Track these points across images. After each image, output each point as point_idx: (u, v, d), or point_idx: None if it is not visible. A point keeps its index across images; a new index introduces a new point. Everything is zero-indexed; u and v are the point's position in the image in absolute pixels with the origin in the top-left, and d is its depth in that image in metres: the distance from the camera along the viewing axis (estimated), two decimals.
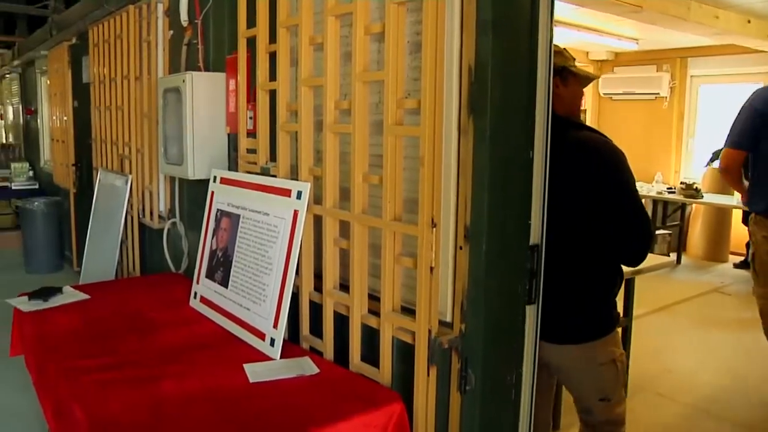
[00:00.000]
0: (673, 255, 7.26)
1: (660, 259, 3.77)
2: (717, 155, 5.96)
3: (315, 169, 2.23)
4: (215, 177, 2.71)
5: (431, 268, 1.76)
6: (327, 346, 2.18)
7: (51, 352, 2.25)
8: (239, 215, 2.46)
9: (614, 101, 8.61)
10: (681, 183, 7.44)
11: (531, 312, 1.81)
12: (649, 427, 3.37)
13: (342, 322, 2.12)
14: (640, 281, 3.50)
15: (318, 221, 2.21)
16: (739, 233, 6.71)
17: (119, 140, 4.25)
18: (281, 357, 2.11)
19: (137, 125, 3.87)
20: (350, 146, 2.01)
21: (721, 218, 7.44)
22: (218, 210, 2.63)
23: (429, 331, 1.78)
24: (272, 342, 2.14)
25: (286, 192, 2.23)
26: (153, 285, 3.19)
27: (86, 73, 5.12)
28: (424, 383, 1.82)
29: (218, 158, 2.92)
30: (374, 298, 2.02)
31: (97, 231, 4.51)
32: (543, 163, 1.73)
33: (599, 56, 8.48)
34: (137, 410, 1.78)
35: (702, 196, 7.07)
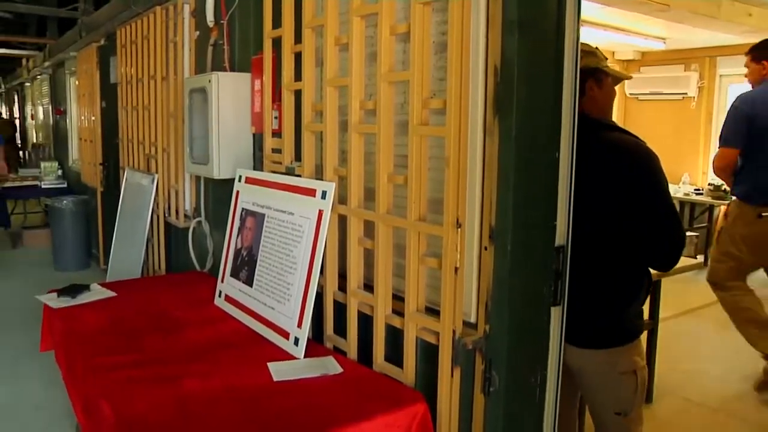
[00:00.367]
0: (701, 257, 7.14)
1: (687, 261, 3.71)
2: None
3: (340, 169, 2.23)
4: (240, 176, 2.73)
5: (456, 269, 1.76)
6: (351, 346, 2.18)
7: (79, 349, 2.28)
8: (264, 214, 2.48)
9: (641, 101, 8.49)
10: (709, 184, 7.32)
11: (556, 313, 1.79)
12: None
13: (366, 322, 2.13)
14: (667, 284, 3.46)
15: (343, 221, 2.21)
16: None
17: (146, 140, 4.31)
18: (305, 356, 2.12)
19: (163, 125, 3.91)
20: (375, 146, 2.01)
21: None
22: (243, 209, 2.64)
23: (453, 332, 1.78)
24: (296, 341, 2.15)
25: (311, 192, 2.23)
26: (178, 283, 3.22)
27: (114, 74, 5.19)
28: (448, 384, 1.81)
29: (243, 158, 2.94)
30: (398, 298, 2.02)
31: (124, 229, 4.57)
32: (569, 164, 1.71)
33: (626, 56, 8.38)
34: (162, 408, 1.80)
35: (730, 198, 6.94)
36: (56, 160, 8.34)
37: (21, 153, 13.92)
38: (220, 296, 2.71)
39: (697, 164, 8.08)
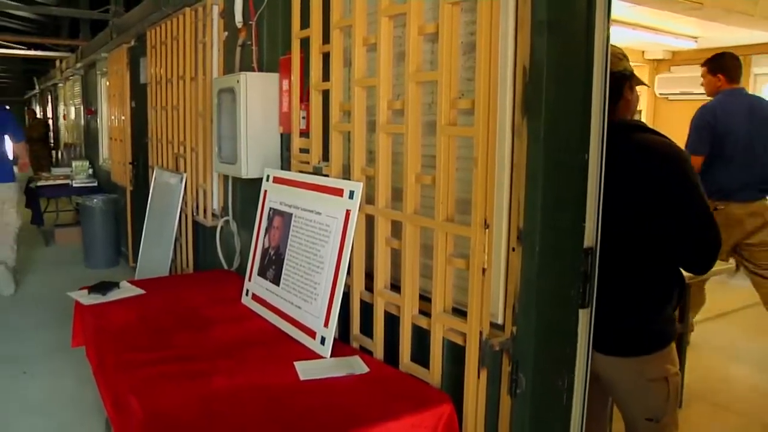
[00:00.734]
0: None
1: (718, 265, 3.64)
2: None
3: (367, 169, 2.24)
4: (268, 176, 2.75)
5: (483, 270, 1.75)
6: (377, 346, 2.18)
7: (109, 345, 2.32)
8: (292, 214, 2.49)
9: (671, 102, 8.36)
10: None
11: (584, 316, 1.77)
12: None
13: (392, 322, 2.13)
14: (698, 287, 3.40)
15: (370, 221, 2.22)
16: None
17: (174, 139, 4.36)
18: (331, 355, 2.12)
19: (192, 125, 3.96)
20: (403, 146, 2.01)
21: None
22: (271, 209, 2.66)
23: (480, 333, 1.77)
24: (323, 340, 2.16)
25: (339, 192, 2.24)
26: (206, 282, 3.25)
27: (144, 74, 5.26)
28: (475, 385, 1.81)
29: (271, 157, 2.96)
30: (425, 299, 2.02)
31: (153, 228, 4.62)
32: (598, 165, 1.69)
33: (655, 55, 8.25)
34: (190, 404, 1.82)
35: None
36: (87, 160, 8.48)
37: (53, 152, 14.19)
38: (248, 295, 2.73)
39: None
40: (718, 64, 4.08)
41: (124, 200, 6.20)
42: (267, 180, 2.75)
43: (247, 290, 2.74)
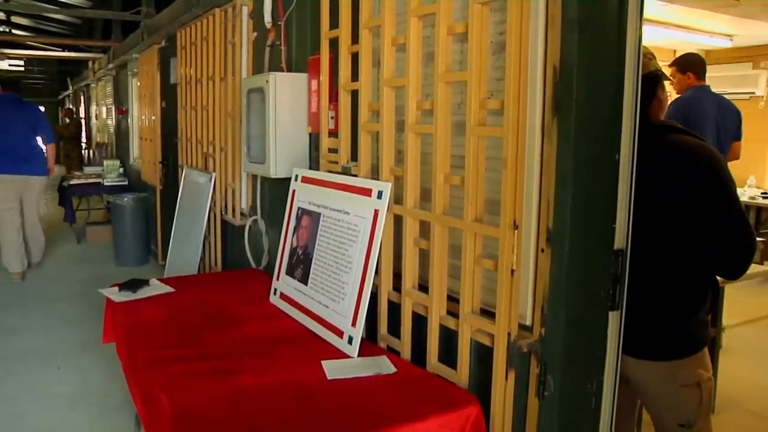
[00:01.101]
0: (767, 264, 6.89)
1: (753, 268, 3.57)
2: None
3: (396, 169, 2.24)
4: (297, 176, 2.77)
5: (512, 271, 1.74)
6: (404, 346, 2.18)
7: (139, 342, 2.35)
8: (320, 214, 2.50)
9: None
10: None
11: (614, 318, 1.75)
12: None
13: (420, 323, 2.12)
14: (730, 291, 3.34)
15: (398, 221, 2.22)
16: None
17: (204, 139, 4.40)
18: (359, 355, 2.13)
19: (221, 124, 3.99)
20: (432, 147, 2.01)
21: None
22: (299, 208, 2.68)
23: (508, 334, 1.76)
24: (350, 340, 2.16)
25: (367, 191, 2.24)
26: (234, 280, 3.28)
27: (174, 75, 5.32)
28: (502, 387, 1.80)
29: (300, 157, 2.98)
30: (453, 299, 2.01)
31: (182, 226, 4.68)
32: (629, 166, 1.67)
33: None
34: (218, 402, 1.84)
35: None
36: (118, 159, 8.61)
37: (85, 152, 14.43)
38: (276, 294, 2.75)
39: (764, 166, 7.78)
40: (687, 63, 4.40)
41: (154, 199, 6.29)
42: (295, 180, 2.76)
43: (275, 289, 2.76)
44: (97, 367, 3.87)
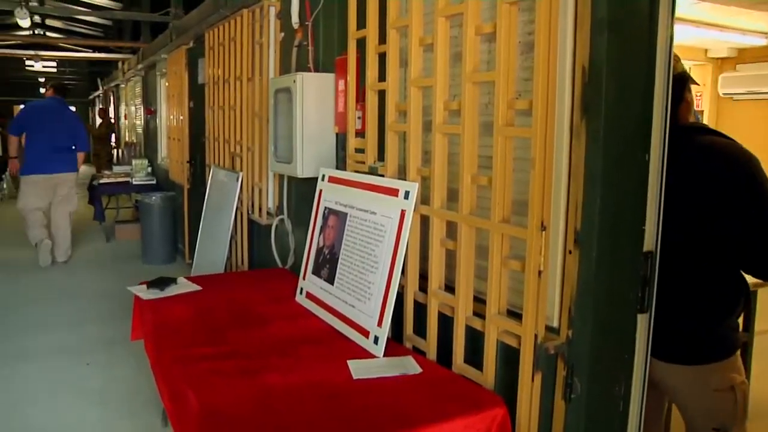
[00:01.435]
0: None
1: None
2: None
3: (423, 170, 2.24)
4: (323, 175, 2.78)
5: (539, 272, 1.73)
6: (430, 346, 2.18)
7: (167, 339, 2.38)
8: (346, 213, 2.51)
9: (735, 102, 8.07)
10: None
11: (642, 321, 1.73)
12: None
13: (446, 323, 2.12)
14: (764, 294, 3.27)
15: (425, 221, 2.22)
16: None
17: (231, 139, 4.44)
18: (385, 355, 2.13)
19: (248, 124, 4.02)
20: (459, 147, 2.01)
21: None
22: (326, 208, 2.69)
23: (535, 336, 1.75)
24: (376, 340, 2.17)
25: (394, 192, 2.25)
26: (260, 279, 3.30)
27: (202, 75, 5.37)
28: (529, 389, 1.79)
29: (326, 157, 2.99)
30: (479, 300, 2.00)
31: (209, 225, 4.72)
32: (659, 167, 1.65)
33: (719, 53, 7.94)
34: (244, 400, 1.85)
35: None
36: (146, 158, 8.71)
37: (114, 151, 14.65)
38: (302, 293, 2.76)
39: None
40: None
41: (182, 198, 6.35)
42: (322, 179, 2.77)
43: (302, 288, 2.77)
44: (126, 364, 3.92)
